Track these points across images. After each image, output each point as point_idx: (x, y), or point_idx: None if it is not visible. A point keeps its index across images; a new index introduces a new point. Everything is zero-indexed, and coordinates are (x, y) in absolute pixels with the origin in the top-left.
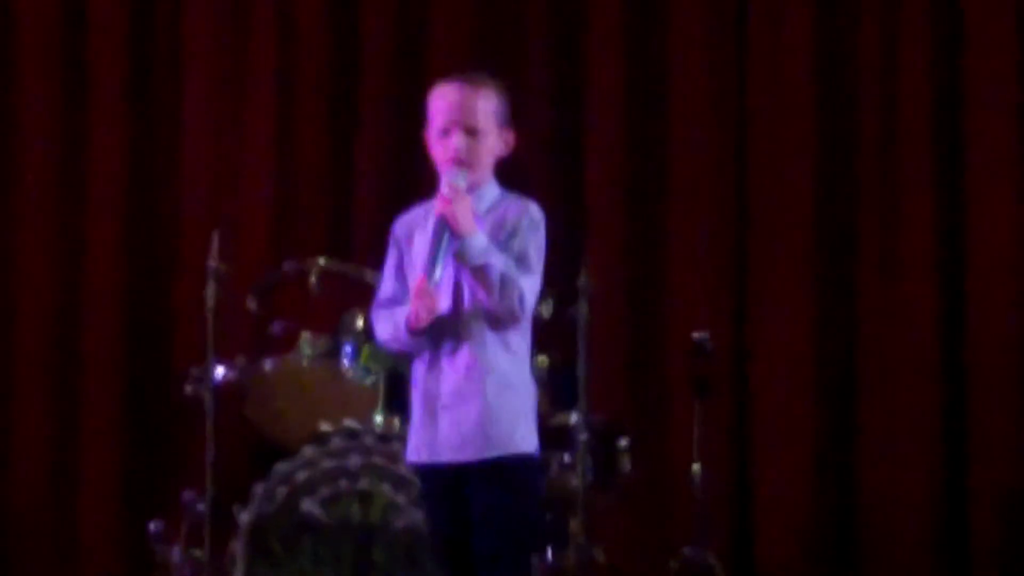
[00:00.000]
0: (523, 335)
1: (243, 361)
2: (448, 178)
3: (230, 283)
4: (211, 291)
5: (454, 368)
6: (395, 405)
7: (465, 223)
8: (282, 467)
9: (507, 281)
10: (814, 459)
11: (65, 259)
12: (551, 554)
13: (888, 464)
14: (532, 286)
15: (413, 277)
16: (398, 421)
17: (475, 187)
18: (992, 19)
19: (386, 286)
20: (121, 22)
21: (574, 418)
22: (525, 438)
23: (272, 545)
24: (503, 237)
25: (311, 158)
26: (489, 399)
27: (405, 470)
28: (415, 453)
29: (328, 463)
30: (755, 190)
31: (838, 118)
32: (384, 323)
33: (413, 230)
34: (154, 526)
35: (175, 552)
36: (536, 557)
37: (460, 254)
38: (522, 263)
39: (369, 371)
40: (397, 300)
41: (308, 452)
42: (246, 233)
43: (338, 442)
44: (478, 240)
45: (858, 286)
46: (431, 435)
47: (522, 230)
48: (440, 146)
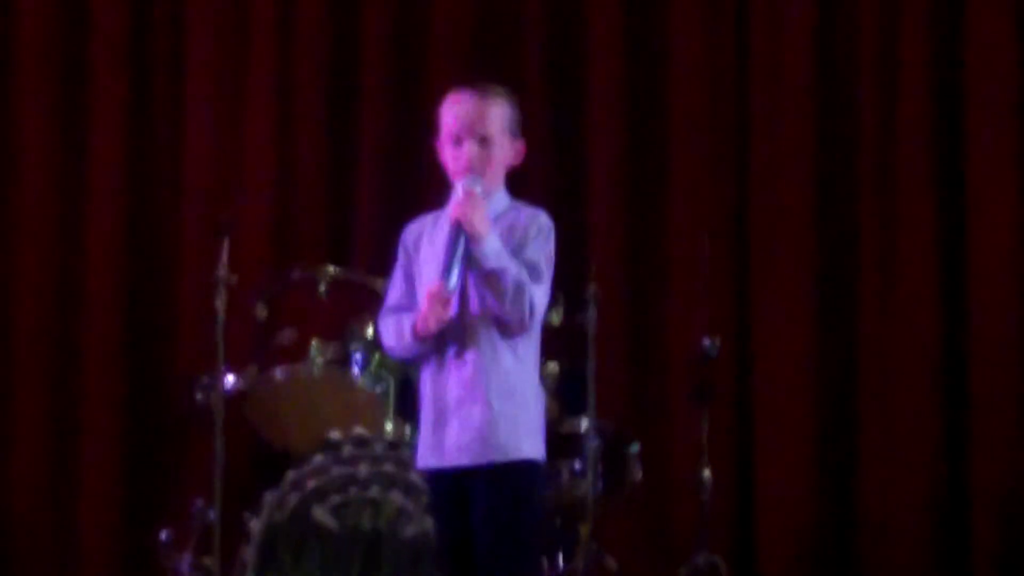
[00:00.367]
0: (531, 342)
1: (253, 370)
2: (464, 184)
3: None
4: (221, 299)
5: (460, 373)
6: (405, 413)
7: (481, 226)
8: (293, 475)
9: (519, 288)
10: (816, 462)
11: (66, 264)
12: (561, 560)
13: (889, 466)
14: (542, 295)
15: (420, 284)
16: (408, 429)
17: (486, 196)
18: (992, 18)
19: (393, 293)
20: (122, 22)
21: (584, 425)
22: (530, 445)
23: (282, 553)
24: (513, 246)
25: (311, 161)
26: (494, 404)
27: (415, 478)
28: (423, 459)
29: (338, 471)
30: (756, 192)
31: (838, 118)
32: (390, 329)
33: (421, 237)
34: (164, 535)
35: (184, 560)
36: (545, 564)
37: (474, 258)
38: (532, 272)
39: (379, 379)
40: (404, 307)
41: (318, 460)
42: (246, 238)
43: (348, 450)
44: (493, 243)
45: (859, 288)
46: (438, 440)
47: (531, 239)
48: (452, 155)
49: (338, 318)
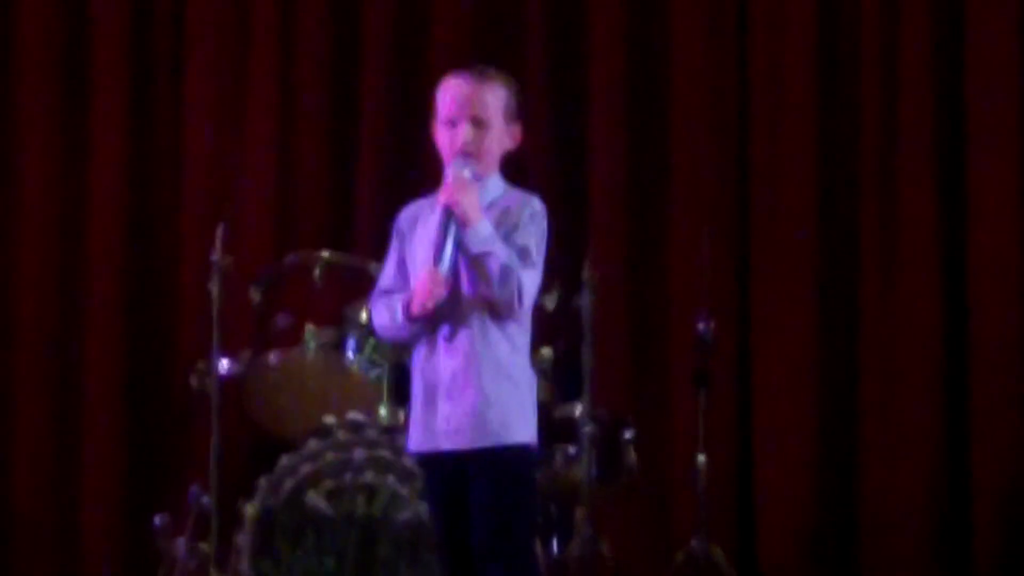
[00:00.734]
0: (524, 326)
1: (247, 354)
2: (453, 168)
3: (232, 276)
4: (216, 285)
5: (452, 356)
6: (400, 398)
7: (471, 211)
8: (287, 460)
9: (507, 273)
10: (815, 449)
11: (67, 253)
12: (556, 546)
13: (890, 456)
14: (532, 279)
15: (413, 268)
16: (403, 414)
17: (480, 179)
18: (993, 17)
19: (386, 276)
20: (122, 22)
21: (579, 410)
22: (522, 429)
23: (277, 538)
24: (505, 230)
25: (312, 151)
26: (486, 388)
27: (410, 463)
28: (415, 442)
29: (333, 456)
30: (757, 180)
31: (839, 117)
32: (382, 310)
33: (416, 221)
34: (159, 520)
35: (180, 545)
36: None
37: (463, 242)
38: (523, 256)
39: (374, 364)
40: (396, 290)
41: (313, 445)
42: (246, 226)
43: (343, 435)
44: (483, 228)
45: (860, 279)
46: (430, 424)
47: (524, 223)
48: (447, 137)
49: (333, 303)
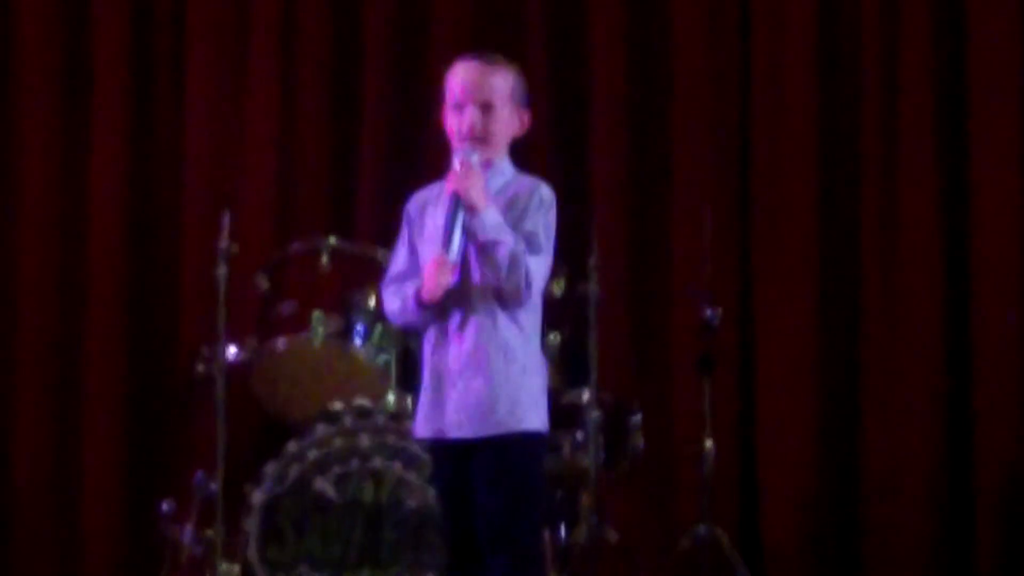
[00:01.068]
0: (533, 313)
1: (254, 341)
2: (461, 154)
3: (236, 262)
4: (222, 271)
5: (461, 343)
6: (407, 384)
7: (478, 199)
8: (294, 446)
9: (515, 260)
10: (818, 432)
11: (67, 252)
12: (563, 532)
13: (892, 439)
14: (541, 266)
15: (423, 253)
16: (410, 400)
17: (487, 166)
18: (994, 14)
19: (397, 262)
20: (122, 22)
21: (586, 396)
22: (531, 416)
23: (284, 524)
24: (513, 217)
25: (312, 151)
26: (495, 375)
27: (417, 449)
28: (423, 429)
29: (340, 442)
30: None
31: (840, 116)
32: (393, 297)
33: (425, 207)
34: (166, 506)
35: (186, 532)
36: (547, 535)
37: (471, 229)
38: (531, 243)
39: (381, 350)
40: (407, 276)
41: (320, 431)
42: (250, 212)
43: (350, 421)
44: (490, 216)
45: (862, 269)
46: (438, 411)
47: (532, 210)
48: (454, 121)
49: (340, 289)
